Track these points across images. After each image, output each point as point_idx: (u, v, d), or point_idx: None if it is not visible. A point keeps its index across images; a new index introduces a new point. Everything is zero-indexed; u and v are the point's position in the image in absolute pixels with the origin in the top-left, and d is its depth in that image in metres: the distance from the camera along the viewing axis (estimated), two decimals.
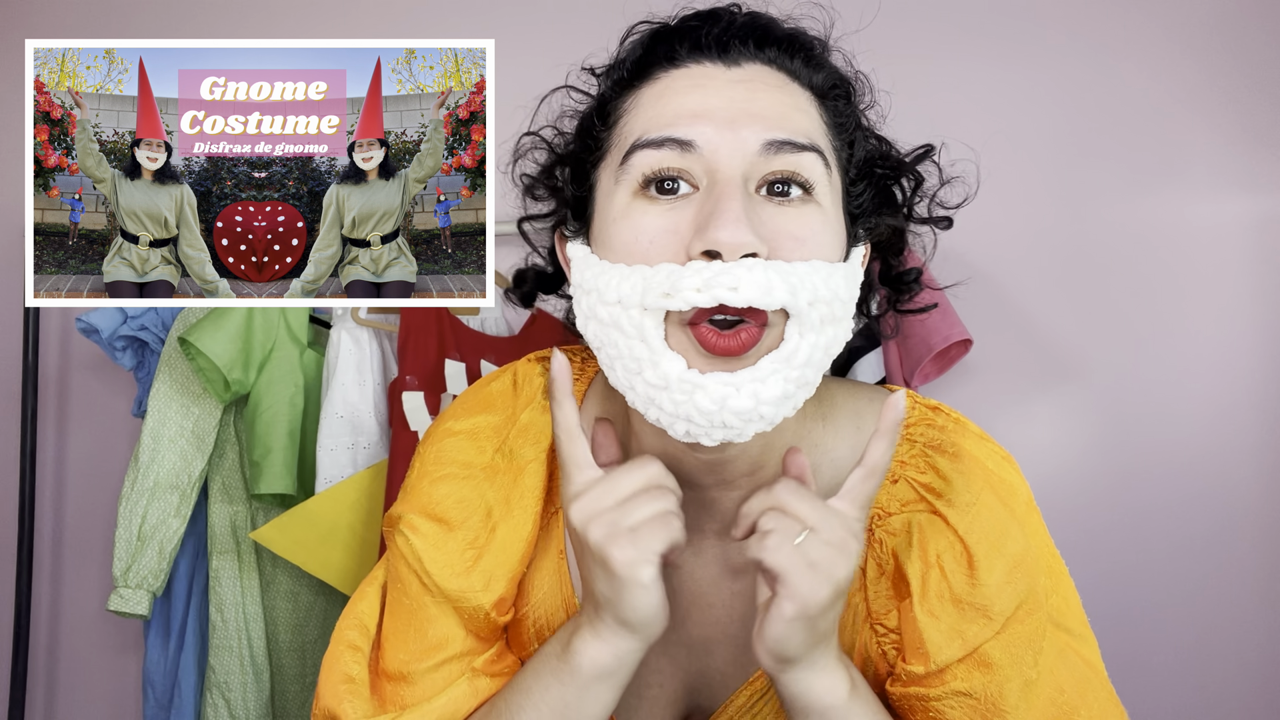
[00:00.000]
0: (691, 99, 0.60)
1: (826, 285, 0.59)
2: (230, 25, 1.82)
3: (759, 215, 0.59)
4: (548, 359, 0.77)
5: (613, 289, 0.60)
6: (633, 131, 0.62)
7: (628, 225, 0.60)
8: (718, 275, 0.56)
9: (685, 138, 0.59)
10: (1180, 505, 1.51)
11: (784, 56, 0.63)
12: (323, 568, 1.39)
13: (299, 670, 1.50)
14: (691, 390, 0.58)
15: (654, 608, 0.60)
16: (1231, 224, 1.51)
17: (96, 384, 1.83)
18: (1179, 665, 1.49)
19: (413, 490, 0.74)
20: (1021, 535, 0.67)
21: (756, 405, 0.58)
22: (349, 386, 1.42)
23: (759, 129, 0.59)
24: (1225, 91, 1.51)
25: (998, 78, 1.55)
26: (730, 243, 0.56)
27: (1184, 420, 1.51)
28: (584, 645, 0.63)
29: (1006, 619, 0.64)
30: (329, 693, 0.70)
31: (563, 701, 0.63)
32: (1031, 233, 1.54)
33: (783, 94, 0.61)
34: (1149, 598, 1.50)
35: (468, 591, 0.69)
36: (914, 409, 0.72)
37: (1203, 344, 1.51)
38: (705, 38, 0.62)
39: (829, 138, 0.63)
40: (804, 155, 0.60)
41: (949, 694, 0.64)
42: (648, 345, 0.59)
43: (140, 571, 1.42)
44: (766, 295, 0.56)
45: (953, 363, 1.44)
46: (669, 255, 0.59)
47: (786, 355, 0.59)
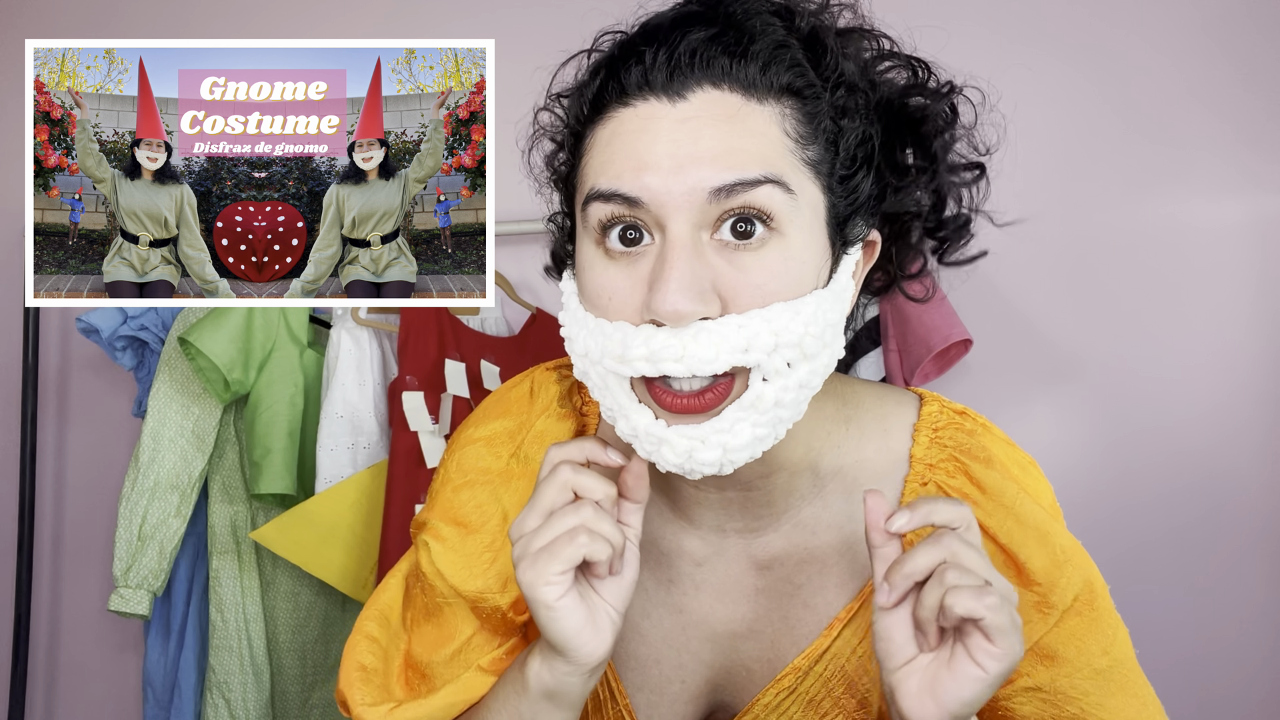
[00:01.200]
0: (639, 145, 0.58)
1: (789, 329, 0.57)
2: (230, 25, 1.83)
3: (714, 266, 0.57)
4: (564, 368, 0.78)
5: (580, 341, 0.61)
6: (587, 178, 0.61)
7: (592, 278, 0.60)
8: (664, 347, 0.56)
9: (631, 194, 0.57)
10: (1180, 504, 1.51)
11: (736, 68, 0.58)
12: (322, 568, 1.39)
13: (299, 670, 1.50)
14: (658, 443, 0.59)
15: (565, 631, 0.59)
16: (1231, 224, 1.51)
17: (96, 384, 1.83)
18: (1179, 664, 1.49)
19: (437, 496, 0.76)
20: (1063, 532, 0.68)
21: (724, 454, 0.58)
22: (349, 386, 1.42)
23: (706, 173, 0.56)
24: (1225, 91, 1.51)
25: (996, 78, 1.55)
26: (671, 314, 0.55)
27: (1183, 420, 1.51)
28: (533, 663, 0.64)
29: (1064, 611, 0.65)
30: (344, 678, 0.73)
31: (518, 713, 0.65)
32: (1031, 232, 1.54)
33: (732, 125, 0.57)
34: (1148, 597, 1.50)
35: (486, 592, 0.71)
36: (941, 413, 0.72)
37: (1202, 343, 1.51)
38: (651, 68, 0.58)
39: (796, 153, 0.59)
40: (758, 191, 0.56)
41: (1017, 691, 0.65)
42: (615, 399, 0.60)
43: (141, 571, 1.42)
44: (711, 364, 0.56)
45: (952, 363, 1.44)
46: (627, 313, 0.58)
47: (751, 402, 0.58)
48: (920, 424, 0.72)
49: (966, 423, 0.72)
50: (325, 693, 1.52)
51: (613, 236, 0.59)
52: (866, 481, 0.70)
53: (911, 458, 0.71)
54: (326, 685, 1.52)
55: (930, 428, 0.71)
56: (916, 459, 0.70)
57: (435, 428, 1.37)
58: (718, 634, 0.73)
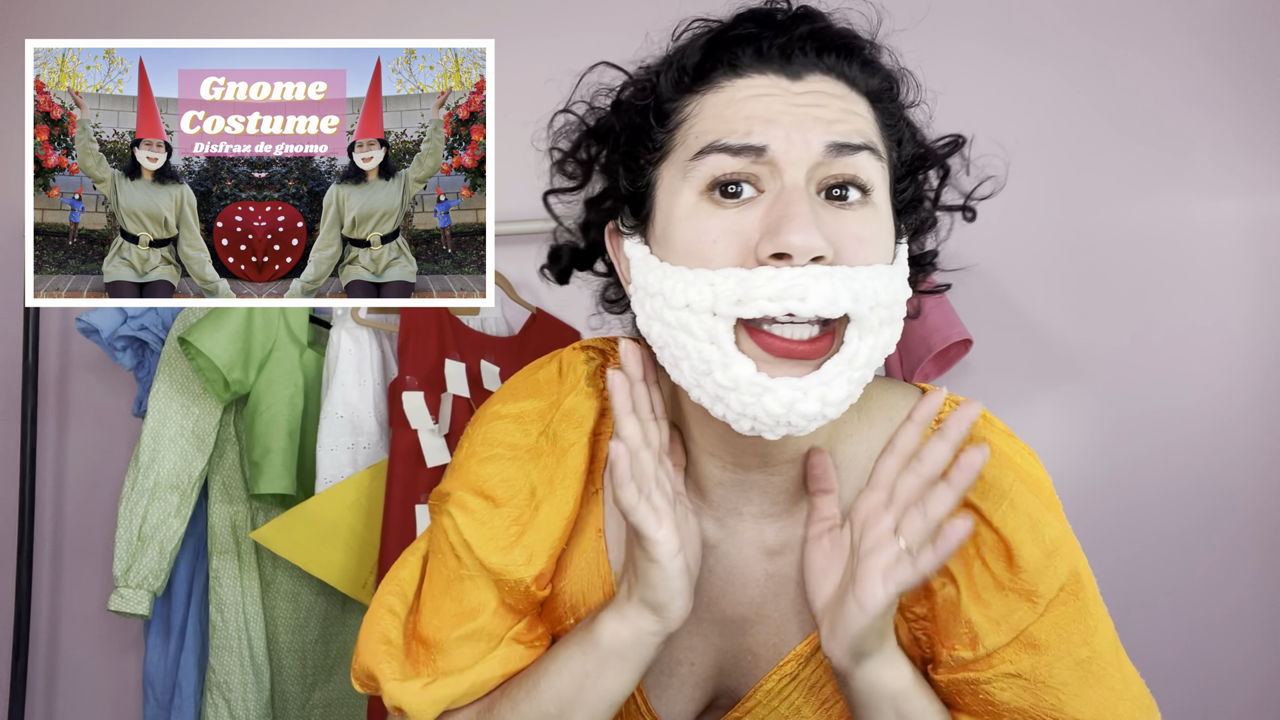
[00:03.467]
0: (761, 105, 0.63)
1: (886, 289, 0.61)
2: (230, 25, 1.83)
3: (823, 218, 0.61)
4: (592, 348, 0.81)
5: (679, 293, 0.62)
6: (703, 134, 0.64)
7: (692, 226, 0.63)
8: (789, 286, 0.58)
9: (759, 143, 0.61)
10: (1179, 504, 1.51)
11: (842, 63, 0.65)
12: (322, 568, 1.39)
13: (299, 670, 1.50)
14: (761, 393, 0.60)
15: (675, 588, 0.66)
16: (1231, 224, 1.51)
17: (96, 384, 1.83)
18: (1175, 662, 1.49)
19: (460, 468, 0.77)
20: (1055, 522, 0.69)
21: (823, 407, 0.61)
22: (349, 386, 1.42)
23: (823, 133, 0.61)
24: (1225, 91, 1.51)
25: (996, 79, 1.55)
26: (802, 245, 0.58)
27: (1183, 420, 1.51)
28: (608, 622, 0.67)
29: (1049, 601, 0.67)
30: (367, 651, 0.74)
31: (583, 671, 0.67)
32: (1031, 233, 1.54)
33: (843, 102, 0.64)
34: (1146, 595, 1.50)
35: (510, 566, 0.71)
36: (944, 404, 0.74)
37: (1202, 343, 1.51)
38: (767, 48, 0.64)
39: (882, 139, 0.66)
40: (863, 155, 0.62)
41: (998, 676, 0.67)
42: (719, 348, 0.61)
43: (141, 571, 1.42)
44: (832, 305, 0.59)
45: (952, 362, 1.44)
46: (732, 258, 0.61)
47: (849, 357, 0.61)
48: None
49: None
50: (325, 693, 1.52)
51: (716, 192, 0.62)
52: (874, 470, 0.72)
53: None
54: (327, 685, 1.52)
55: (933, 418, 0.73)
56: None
57: (435, 427, 1.37)
58: (727, 618, 0.75)
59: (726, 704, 0.77)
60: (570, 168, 0.74)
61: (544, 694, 0.68)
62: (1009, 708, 0.67)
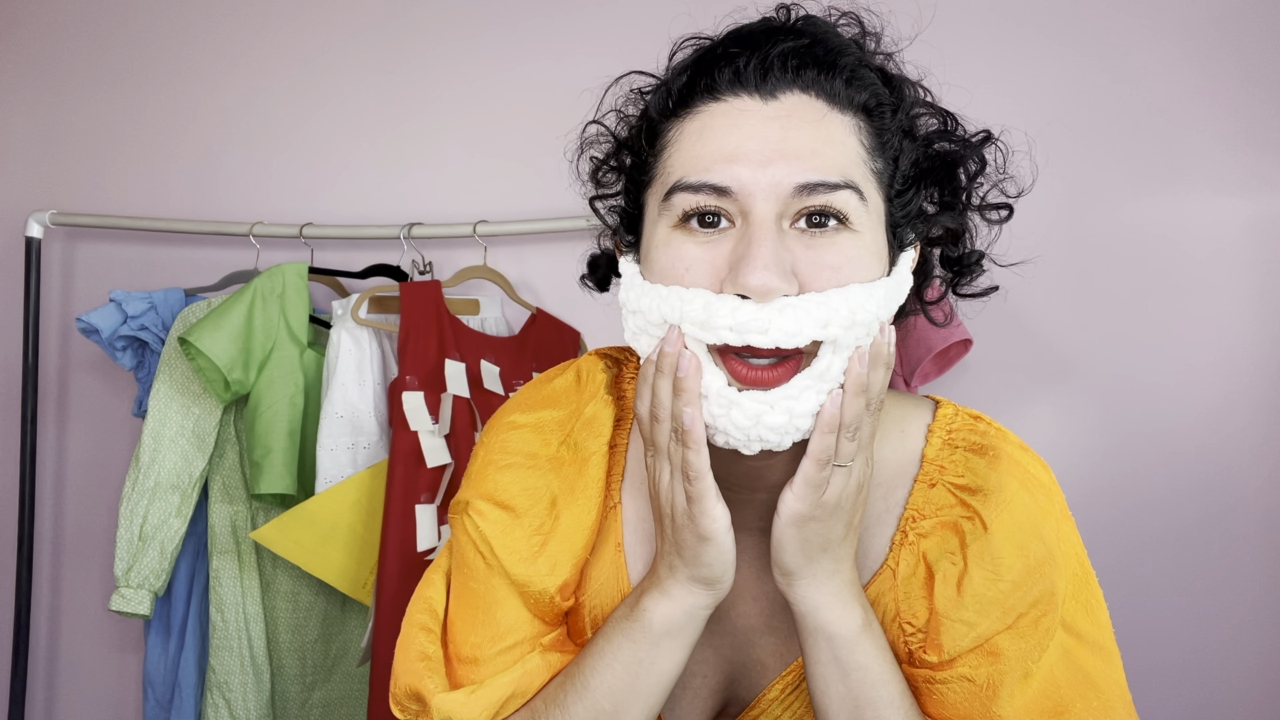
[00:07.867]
0: (729, 140, 0.63)
1: (865, 307, 0.61)
2: (230, 24, 1.82)
3: (793, 250, 0.61)
4: (610, 355, 0.81)
5: (656, 309, 0.64)
6: (674, 169, 0.65)
7: (668, 252, 0.64)
8: (750, 319, 0.59)
9: (721, 184, 0.61)
10: (1179, 505, 1.51)
11: (824, 79, 0.64)
12: (322, 568, 1.40)
13: (299, 670, 1.51)
14: (729, 406, 0.62)
15: (727, 560, 0.66)
16: (1231, 224, 1.51)
17: (96, 384, 1.83)
18: (1178, 663, 1.49)
19: (477, 477, 0.77)
20: (1051, 538, 0.69)
21: (791, 420, 0.61)
22: (349, 386, 1.42)
23: (793, 170, 0.61)
24: (1225, 91, 1.51)
25: (995, 78, 1.55)
26: (758, 287, 0.59)
27: (1183, 420, 1.51)
28: (654, 604, 0.67)
29: (1019, 615, 0.67)
30: (407, 671, 0.73)
31: (635, 659, 0.67)
32: (1031, 232, 1.54)
33: (818, 129, 0.63)
34: (1146, 596, 1.50)
35: (534, 576, 0.72)
36: (956, 415, 0.75)
37: (1202, 344, 1.51)
38: (744, 68, 0.64)
39: (867, 163, 0.65)
40: (837, 194, 0.62)
41: (954, 677, 0.68)
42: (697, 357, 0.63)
43: (142, 571, 1.42)
44: (794, 338, 0.59)
45: (952, 363, 1.44)
46: (704, 282, 0.62)
47: (819, 373, 0.62)
48: (935, 425, 0.74)
49: (980, 425, 0.75)
50: (325, 692, 1.52)
51: (693, 221, 0.63)
52: (883, 481, 0.73)
53: (923, 458, 0.73)
54: (326, 685, 1.52)
55: (945, 429, 0.74)
56: (928, 459, 0.73)
57: (435, 428, 1.37)
58: (737, 628, 0.76)
59: (734, 711, 0.77)
60: (605, 175, 0.76)
61: (596, 690, 0.68)
62: (955, 709, 0.68)
